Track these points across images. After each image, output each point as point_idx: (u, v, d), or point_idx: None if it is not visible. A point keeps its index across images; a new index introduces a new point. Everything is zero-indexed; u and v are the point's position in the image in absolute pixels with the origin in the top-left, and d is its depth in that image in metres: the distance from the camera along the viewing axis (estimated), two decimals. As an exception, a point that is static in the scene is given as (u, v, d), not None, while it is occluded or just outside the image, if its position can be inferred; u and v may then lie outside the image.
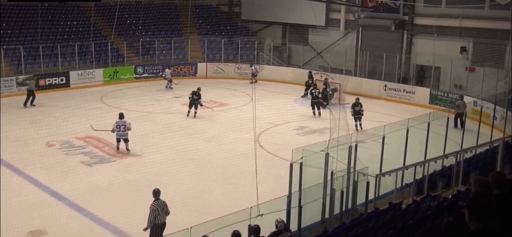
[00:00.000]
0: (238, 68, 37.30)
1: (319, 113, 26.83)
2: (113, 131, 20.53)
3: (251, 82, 34.94)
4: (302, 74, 34.84)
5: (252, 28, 40.99)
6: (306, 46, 38.33)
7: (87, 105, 27.68)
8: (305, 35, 38.76)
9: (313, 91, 27.67)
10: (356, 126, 23.00)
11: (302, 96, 31.07)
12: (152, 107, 27.31)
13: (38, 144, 20.47)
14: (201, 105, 25.81)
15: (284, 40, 40.11)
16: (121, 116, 20.85)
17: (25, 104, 27.89)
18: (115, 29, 36.33)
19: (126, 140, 20.56)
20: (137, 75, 35.85)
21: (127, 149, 20.54)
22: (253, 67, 35.93)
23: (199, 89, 25.98)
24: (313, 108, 27.06)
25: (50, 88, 31.52)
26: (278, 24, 39.90)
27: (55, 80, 32.09)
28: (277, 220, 11.03)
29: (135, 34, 37.82)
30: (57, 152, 20.21)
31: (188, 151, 20.38)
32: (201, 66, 37.61)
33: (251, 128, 15.92)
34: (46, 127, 22.91)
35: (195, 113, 25.71)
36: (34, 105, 28.06)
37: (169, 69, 34.66)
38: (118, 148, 20.61)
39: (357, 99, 24.27)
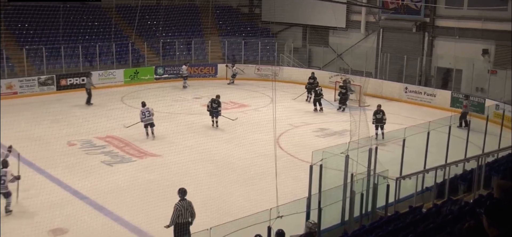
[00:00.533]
0: (258, 69, 37.32)
1: (321, 109, 28.02)
2: (141, 120, 22.58)
3: (229, 83, 35.06)
4: (322, 75, 34.77)
5: (272, 30, 40.97)
6: (326, 48, 38.23)
7: (108, 105, 27.92)
8: (326, 36, 38.68)
9: (316, 88, 28.57)
10: (376, 134, 22.34)
11: (306, 100, 30.45)
12: (172, 107, 27.43)
13: (59, 143, 20.72)
14: (220, 114, 24.49)
15: (304, 41, 40.05)
16: (144, 104, 22.92)
17: (88, 102, 28.44)
18: (136, 30, 36.56)
19: (152, 125, 22.56)
20: (157, 76, 36.04)
21: (152, 134, 22.48)
22: (234, 68, 36.02)
23: (218, 96, 24.75)
24: (315, 105, 28.15)
25: (71, 88, 31.85)
26: (299, 25, 39.87)
27: (76, 80, 32.38)
28: (310, 222, 11.10)
29: (155, 35, 38.02)
30: (78, 152, 20.41)
31: (208, 152, 20.46)
32: (221, 67, 37.71)
33: (271, 130, 15.91)
34: (67, 126, 23.14)
35: (216, 122, 24.43)
36: (91, 104, 28.38)
37: (185, 65, 34.93)
38: (147, 134, 22.52)
39: (379, 106, 23.45)
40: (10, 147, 16.70)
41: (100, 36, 35.65)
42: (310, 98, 29.84)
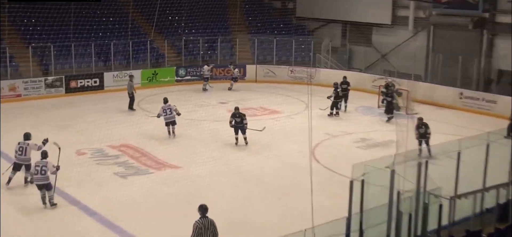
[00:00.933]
0: (291, 71, 37.17)
1: (337, 113, 28.12)
2: (158, 116, 23.75)
3: (229, 89, 34.51)
4: (364, 79, 34.48)
5: (308, 27, 40.82)
6: (369, 48, 37.94)
7: (123, 110, 28.00)
8: (368, 34, 38.35)
9: (337, 89, 28.32)
10: (420, 150, 21.90)
11: (329, 114, 28.86)
12: (195, 113, 27.40)
13: (67, 152, 20.70)
14: (246, 128, 23.04)
15: (344, 40, 39.78)
16: (166, 100, 23.98)
17: (130, 107, 28.58)
18: (155, 26, 36.70)
19: (173, 123, 23.63)
20: (178, 78, 36.11)
21: (173, 133, 23.61)
22: (236, 70, 35.47)
23: (237, 109, 23.25)
24: (332, 109, 28.01)
25: (82, 91, 32.11)
26: (338, 22, 39.58)
27: (88, 81, 32.66)
28: None
29: (177, 32, 38.13)
30: (88, 162, 20.45)
31: (235, 163, 20.41)
32: (250, 69, 37.63)
33: (305, 139, 15.77)
34: (76, 133, 23.26)
35: (245, 138, 22.84)
36: (134, 109, 28.49)
37: (207, 66, 34.86)
38: (169, 133, 23.65)
39: (421, 119, 22.53)
40: (46, 140, 17.79)
41: (116, 33, 35.89)
42: (342, 106, 29.24)
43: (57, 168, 16.54)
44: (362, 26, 38.34)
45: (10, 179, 17.69)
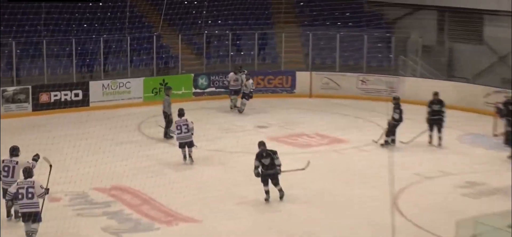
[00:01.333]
0: (363, 81, 37.10)
1: (393, 140, 27.42)
2: (172, 133, 25.83)
3: (240, 111, 33.97)
4: (471, 92, 34.14)
5: (387, 16, 40.72)
6: (479, 46, 37.73)
7: (116, 136, 28.10)
8: (478, 27, 38.17)
9: (400, 107, 27.92)
10: None
11: (429, 143, 28.81)
12: (221, 142, 27.51)
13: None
14: (279, 173, 21.35)
15: (441, 35, 39.69)
16: (182, 113, 25.16)
17: (166, 134, 28.53)
18: (165, 15, 36.89)
19: (190, 144, 24.88)
20: (198, 90, 36.30)
21: (190, 157, 25.04)
22: (250, 81, 34.03)
23: (262, 143, 21.56)
24: (388, 135, 27.58)
25: (59, 108, 32.29)
26: (431, 8, 39.63)
27: (66, 94, 32.98)
28: None
29: (196, 24, 38.26)
30: (65, 211, 20.48)
31: (278, 215, 20.37)
32: (301, 77, 37.76)
33: (384, 182, 15.58)
34: (48, 170, 23.31)
35: (280, 190, 21.26)
36: (170, 137, 27.93)
37: (235, 74, 34.49)
38: (185, 157, 25.04)
39: None
40: (37, 155, 19.28)
41: (107, 25, 36.14)
42: (435, 137, 28.73)
43: (46, 190, 17.21)
44: (468, 15, 38.14)
45: (8, 210, 18.65)
